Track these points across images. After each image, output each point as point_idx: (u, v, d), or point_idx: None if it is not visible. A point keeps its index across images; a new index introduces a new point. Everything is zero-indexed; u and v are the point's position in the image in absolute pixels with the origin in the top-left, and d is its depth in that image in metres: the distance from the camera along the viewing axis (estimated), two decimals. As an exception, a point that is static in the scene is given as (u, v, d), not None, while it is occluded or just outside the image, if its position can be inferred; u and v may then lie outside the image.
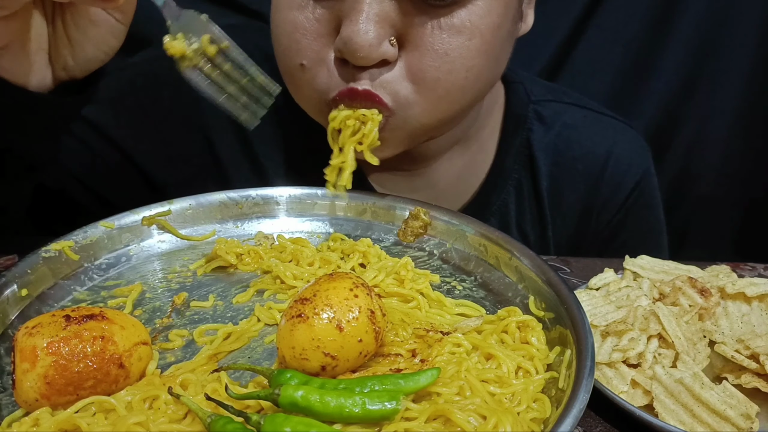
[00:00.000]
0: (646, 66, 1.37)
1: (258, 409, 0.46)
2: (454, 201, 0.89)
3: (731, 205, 1.48)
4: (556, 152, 0.89)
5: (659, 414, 0.50)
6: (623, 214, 0.91)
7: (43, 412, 0.44)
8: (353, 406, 0.43)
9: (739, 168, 1.44)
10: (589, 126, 0.92)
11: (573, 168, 0.89)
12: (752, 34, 1.34)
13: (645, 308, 0.60)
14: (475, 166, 0.89)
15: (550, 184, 0.88)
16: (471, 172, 0.89)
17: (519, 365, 0.51)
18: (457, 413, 0.43)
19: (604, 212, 0.91)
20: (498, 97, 0.90)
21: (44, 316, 0.47)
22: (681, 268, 0.68)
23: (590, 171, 0.89)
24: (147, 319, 0.59)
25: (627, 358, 0.55)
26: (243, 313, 0.61)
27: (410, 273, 0.64)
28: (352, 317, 0.48)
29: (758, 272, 0.82)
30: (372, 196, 0.77)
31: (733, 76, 1.37)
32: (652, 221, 0.95)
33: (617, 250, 0.92)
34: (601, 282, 0.67)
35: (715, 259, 0.84)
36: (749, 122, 1.41)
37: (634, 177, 0.91)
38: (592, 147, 0.90)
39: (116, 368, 0.46)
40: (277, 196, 0.77)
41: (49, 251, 0.60)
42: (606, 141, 0.91)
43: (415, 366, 0.51)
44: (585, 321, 0.52)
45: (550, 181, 0.88)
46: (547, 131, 0.89)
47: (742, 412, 0.49)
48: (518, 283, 0.64)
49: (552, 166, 0.88)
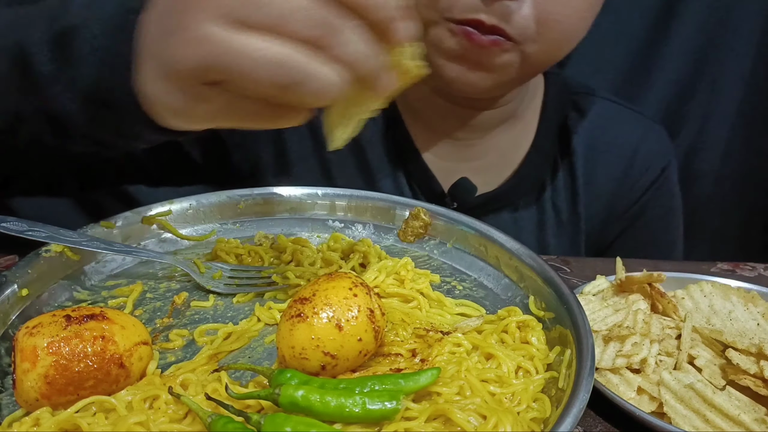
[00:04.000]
0: (646, 66, 1.37)
1: (258, 409, 0.46)
2: (496, 175, 0.94)
3: (731, 205, 1.48)
4: (591, 137, 0.95)
5: (672, 420, 0.50)
6: (651, 194, 0.98)
7: (44, 412, 0.44)
8: (353, 406, 0.43)
9: (739, 168, 1.44)
10: (620, 117, 1.00)
11: (606, 152, 0.96)
12: (753, 35, 1.34)
13: (644, 311, 0.60)
14: (518, 144, 0.94)
15: (583, 165, 0.95)
16: (514, 150, 0.94)
17: (519, 365, 0.51)
18: (457, 413, 0.43)
19: (635, 190, 0.97)
20: (540, 84, 0.96)
21: (45, 316, 0.47)
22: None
23: (622, 155, 0.96)
24: (147, 319, 0.59)
25: (630, 363, 0.55)
26: (243, 313, 0.61)
27: (410, 273, 0.64)
28: (352, 316, 0.48)
29: (758, 272, 0.82)
30: (372, 196, 0.77)
31: (733, 76, 1.37)
32: (675, 208, 1.03)
33: (642, 230, 0.99)
34: (595, 289, 0.67)
35: (715, 259, 0.84)
36: (750, 122, 1.41)
37: (661, 163, 0.98)
38: (624, 136, 0.97)
39: (117, 368, 0.46)
40: (278, 196, 0.77)
41: (49, 251, 0.60)
42: (637, 131, 0.98)
43: (415, 366, 0.51)
44: (585, 321, 0.53)
45: (583, 162, 0.95)
46: (584, 119, 0.96)
47: (756, 417, 0.49)
48: (518, 283, 0.64)
49: (587, 149, 0.95)
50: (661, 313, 0.63)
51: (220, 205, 0.75)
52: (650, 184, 0.98)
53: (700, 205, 1.46)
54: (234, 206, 0.76)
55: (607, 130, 0.97)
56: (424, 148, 0.92)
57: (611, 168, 0.96)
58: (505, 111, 0.91)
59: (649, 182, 0.98)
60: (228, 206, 0.75)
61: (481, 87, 0.79)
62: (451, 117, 0.89)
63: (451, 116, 0.89)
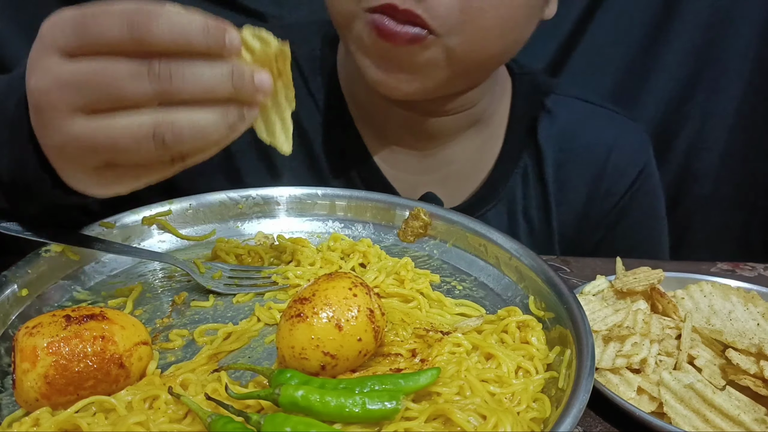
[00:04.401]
0: (646, 66, 1.37)
1: (258, 409, 0.46)
2: (463, 185, 0.90)
3: (731, 205, 1.48)
4: (561, 141, 0.90)
5: (672, 420, 0.50)
6: (628, 200, 0.93)
7: (44, 412, 0.44)
8: (353, 406, 0.43)
9: (739, 168, 1.44)
10: (593, 118, 0.94)
11: (578, 156, 0.91)
12: (753, 35, 1.33)
13: (644, 311, 0.60)
14: (486, 152, 0.90)
15: (555, 171, 0.90)
16: (481, 158, 0.90)
17: (519, 365, 0.51)
18: (457, 413, 0.43)
19: (608, 199, 0.92)
20: (507, 87, 0.92)
21: (45, 316, 0.47)
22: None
23: (594, 160, 0.91)
24: (147, 319, 0.59)
25: (630, 363, 0.55)
26: (243, 313, 0.61)
27: (410, 273, 0.64)
28: (351, 316, 0.48)
29: (758, 272, 0.82)
30: (372, 196, 0.77)
31: (733, 76, 1.37)
32: (656, 209, 0.97)
33: (621, 236, 0.94)
34: (595, 289, 0.67)
35: (715, 259, 0.84)
36: (750, 122, 1.40)
37: (637, 166, 0.92)
38: (596, 137, 0.92)
39: (116, 368, 0.46)
40: (277, 196, 0.77)
41: (49, 251, 0.60)
42: (609, 132, 0.93)
43: (415, 366, 0.51)
44: (585, 321, 0.53)
45: (555, 168, 0.90)
46: (553, 121, 0.91)
47: (756, 417, 0.49)
48: (518, 283, 0.64)
49: (557, 153, 0.90)
50: (661, 313, 0.63)
51: (220, 205, 0.75)
52: (626, 189, 0.92)
53: (700, 205, 1.46)
54: (234, 206, 0.76)
55: (578, 132, 0.91)
56: (383, 159, 0.88)
57: (584, 174, 0.91)
58: (467, 117, 0.85)
59: (625, 187, 0.92)
60: (228, 206, 0.75)
61: (406, 91, 0.73)
62: (403, 124, 0.84)
63: (403, 124, 0.84)
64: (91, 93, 0.43)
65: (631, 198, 0.93)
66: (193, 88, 0.43)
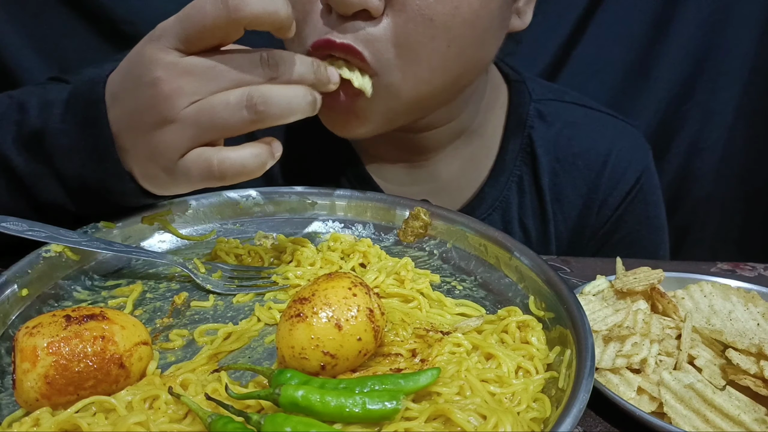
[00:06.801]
0: (646, 66, 1.37)
1: (258, 409, 0.46)
2: (456, 195, 0.89)
3: (731, 205, 1.48)
4: (557, 149, 0.89)
5: (672, 420, 0.50)
6: (623, 210, 0.92)
7: (44, 412, 0.44)
8: (353, 406, 0.43)
9: (739, 168, 1.44)
10: (589, 124, 0.93)
11: (574, 164, 0.89)
12: (753, 35, 1.34)
13: (644, 311, 0.60)
14: (478, 161, 0.89)
15: (551, 179, 0.89)
16: (474, 168, 0.89)
17: (519, 365, 0.51)
18: (457, 413, 0.43)
19: (605, 208, 0.91)
20: (500, 94, 0.91)
21: (45, 316, 0.47)
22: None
23: (591, 167, 0.90)
24: (147, 319, 0.59)
25: (630, 363, 0.55)
26: (243, 313, 0.61)
27: (410, 273, 0.64)
28: (351, 316, 0.48)
29: (758, 272, 0.82)
30: (372, 196, 0.77)
31: (733, 76, 1.37)
32: (652, 217, 0.96)
33: (617, 245, 0.93)
34: (595, 289, 0.67)
35: (715, 259, 0.84)
36: (749, 122, 1.41)
37: (635, 174, 0.91)
38: (593, 144, 0.91)
39: (117, 368, 0.46)
40: (277, 196, 0.77)
41: (49, 251, 0.60)
42: (606, 138, 0.92)
43: (415, 366, 0.51)
44: (585, 321, 0.52)
45: (551, 177, 0.89)
46: (549, 128, 0.90)
47: (756, 417, 0.49)
48: (518, 283, 0.64)
49: (553, 162, 0.89)
50: (661, 313, 0.63)
51: (220, 205, 0.75)
52: (623, 197, 0.91)
53: (700, 205, 1.46)
54: (234, 206, 0.76)
55: (573, 139, 0.90)
56: (374, 172, 0.88)
57: (580, 182, 0.89)
58: (450, 130, 0.84)
59: (622, 195, 0.91)
60: (228, 206, 0.75)
61: (360, 133, 0.72)
62: (387, 140, 0.82)
63: (387, 140, 0.82)
64: (215, 78, 0.53)
65: (627, 207, 0.92)
66: (290, 75, 0.55)
